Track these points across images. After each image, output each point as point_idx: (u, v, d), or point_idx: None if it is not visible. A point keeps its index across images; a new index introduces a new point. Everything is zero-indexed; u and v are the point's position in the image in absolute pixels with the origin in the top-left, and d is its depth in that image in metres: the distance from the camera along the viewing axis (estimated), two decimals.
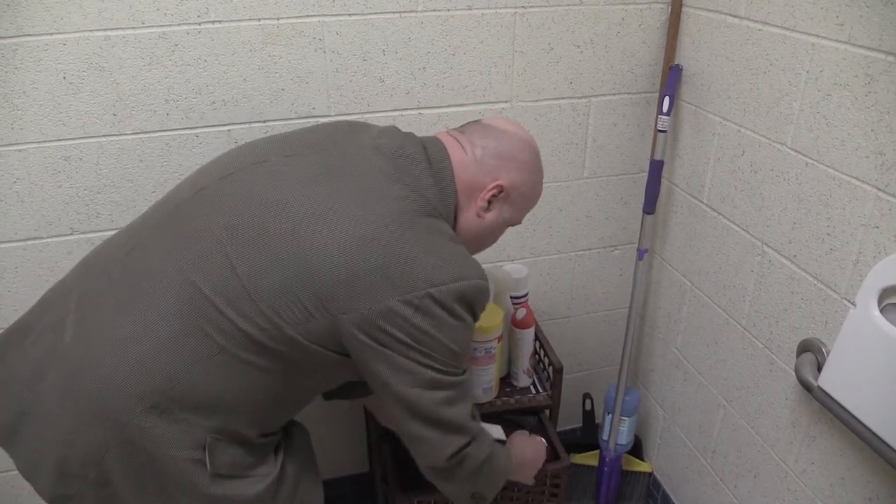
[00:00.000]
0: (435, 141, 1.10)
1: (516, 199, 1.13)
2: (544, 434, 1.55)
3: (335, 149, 1.06)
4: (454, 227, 1.10)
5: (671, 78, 1.54)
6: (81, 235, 1.42)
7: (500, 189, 1.10)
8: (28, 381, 0.97)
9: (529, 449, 1.40)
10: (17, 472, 1.62)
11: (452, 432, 1.05)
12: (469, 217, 1.11)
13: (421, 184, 1.03)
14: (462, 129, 1.15)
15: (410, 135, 1.11)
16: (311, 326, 0.95)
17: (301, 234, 0.94)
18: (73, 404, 0.94)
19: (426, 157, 1.06)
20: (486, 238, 1.16)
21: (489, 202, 1.11)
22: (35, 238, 1.41)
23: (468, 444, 1.06)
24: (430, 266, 0.96)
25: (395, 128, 1.14)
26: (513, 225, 1.19)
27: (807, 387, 1.21)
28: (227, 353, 0.94)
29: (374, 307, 0.93)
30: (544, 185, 1.65)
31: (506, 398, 1.55)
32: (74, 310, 0.99)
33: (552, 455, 1.52)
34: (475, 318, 1.04)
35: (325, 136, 1.10)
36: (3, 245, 1.40)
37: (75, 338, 0.96)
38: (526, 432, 1.45)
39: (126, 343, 0.94)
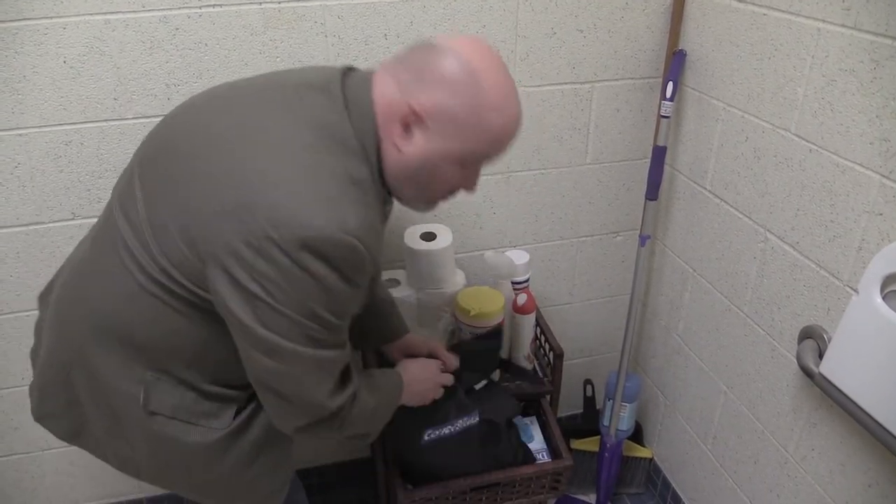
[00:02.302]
0: (363, 72, 0.99)
1: (447, 126, 0.92)
2: (546, 432, 1.53)
3: (248, 86, 1.01)
4: (381, 166, 0.97)
5: (675, 63, 1.53)
6: (83, 220, 1.42)
7: (414, 113, 0.91)
8: (42, 320, 1.12)
9: (418, 381, 1.25)
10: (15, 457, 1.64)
11: (299, 409, 0.95)
12: (390, 152, 0.95)
13: (325, 116, 0.92)
14: (406, 48, 0.98)
15: (334, 67, 1.00)
16: (189, 268, 0.92)
17: (180, 175, 0.94)
18: (49, 333, 1.07)
19: (341, 86, 0.95)
20: (421, 178, 0.97)
21: (405, 130, 0.93)
22: (37, 223, 1.41)
23: (320, 421, 0.97)
24: (280, 206, 0.85)
25: (331, 67, 1.02)
26: (465, 164, 0.97)
27: (808, 373, 1.21)
28: (146, 291, 0.95)
29: (221, 246, 0.87)
30: (545, 169, 1.65)
31: (506, 384, 1.56)
32: (79, 259, 1.07)
33: (554, 453, 1.50)
34: (343, 276, 0.89)
35: (254, 80, 1.05)
36: (4, 230, 1.40)
37: (67, 279, 1.07)
38: (420, 360, 1.31)
39: (83, 279, 1.03)
